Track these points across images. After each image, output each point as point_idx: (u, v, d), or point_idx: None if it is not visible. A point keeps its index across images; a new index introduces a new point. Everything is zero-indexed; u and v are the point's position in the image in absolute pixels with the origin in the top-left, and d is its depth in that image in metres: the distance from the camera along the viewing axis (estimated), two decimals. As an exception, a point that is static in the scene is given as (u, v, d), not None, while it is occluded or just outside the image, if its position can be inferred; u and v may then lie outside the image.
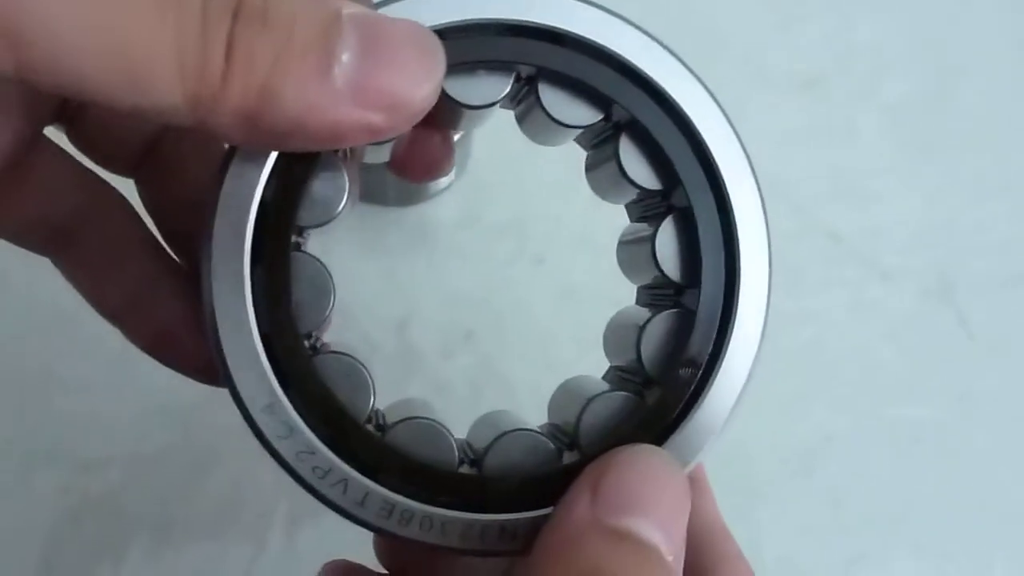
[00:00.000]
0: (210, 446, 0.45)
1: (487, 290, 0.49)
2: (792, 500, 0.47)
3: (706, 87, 0.24)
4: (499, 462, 0.24)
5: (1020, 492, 0.47)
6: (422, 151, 0.28)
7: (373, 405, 0.24)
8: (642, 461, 0.23)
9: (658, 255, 0.25)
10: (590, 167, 0.27)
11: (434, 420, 0.24)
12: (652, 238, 0.25)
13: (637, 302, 0.28)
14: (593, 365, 0.47)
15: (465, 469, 0.25)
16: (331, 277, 0.24)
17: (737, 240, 0.24)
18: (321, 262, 0.24)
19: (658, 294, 0.26)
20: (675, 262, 0.25)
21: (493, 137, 0.29)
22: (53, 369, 0.46)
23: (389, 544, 0.31)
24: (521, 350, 0.48)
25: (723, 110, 0.25)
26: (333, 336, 0.26)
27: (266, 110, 0.19)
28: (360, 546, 0.44)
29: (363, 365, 0.24)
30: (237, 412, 0.23)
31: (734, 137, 0.25)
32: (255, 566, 0.44)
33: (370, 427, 0.24)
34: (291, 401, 0.23)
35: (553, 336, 0.48)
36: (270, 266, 0.23)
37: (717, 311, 0.24)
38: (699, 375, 0.24)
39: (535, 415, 0.29)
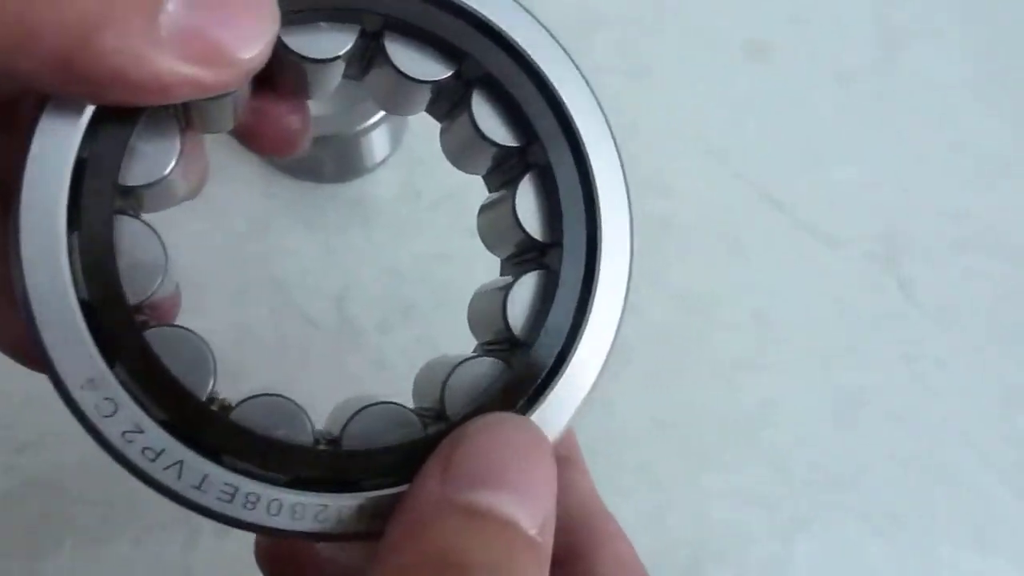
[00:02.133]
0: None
1: (426, 265, 0.48)
2: (737, 466, 0.46)
3: (559, 42, 0.24)
4: (358, 436, 0.23)
5: (962, 454, 0.47)
6: (271, 121, 0.26)
7: (214, 385, 0.22)
8: (496, 429, 0.21)
9: (518, 212, 0.24)
10: (444, 133, 0.27)
11: (287, 397, 0.23)
12: (512, 197, 0.24)
13: (501, 275, 0.27)
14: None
15: (322, 447, 0.23)
16: (163, 243, 0.22)
17: (597, 195, 0.24)
18: (151, 226, 0.22)
19: (521, 260, 0.26)
20: (536, 219, 0.24)
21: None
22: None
23: (270, 548, 0.29)
24: (461, 325, 0.47)
25: (576, 65, 0.24)
26: (262, 315, 0.24)
27: (82, 55, 0.18)
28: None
29: (204, 341, 0.22)
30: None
31: (588, 91, 0.24)
32: (197, 539, 0.43)
33: (211, 406, 0.22)
34: (117, 376, 0.21)
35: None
36: (90, 229, 0.21)
37: (580, 269, 0.24)
38: (566, 334, 0.23)
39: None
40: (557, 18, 0.58)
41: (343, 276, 0.48)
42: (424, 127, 0.51)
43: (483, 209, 0.27)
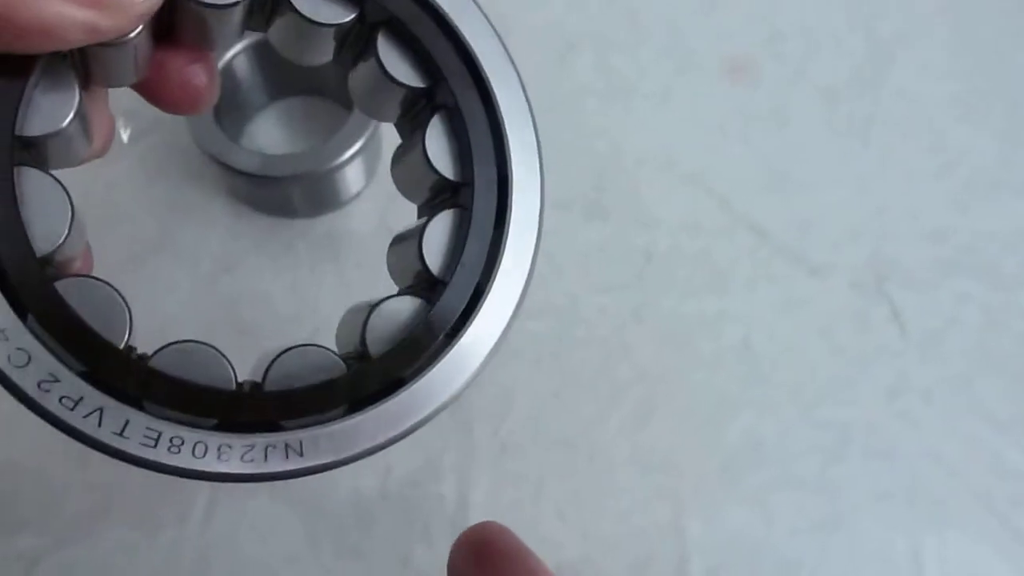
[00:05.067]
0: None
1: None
2: (721, 509, 0.45)
3: None
4: (280, 377, 0.23)
5: (951, 488, 0.46)
6: (173, 73, 0.26)
7: (130, 335, 0.22)
8: None
9: (429, 153, 0.24)
10: (353, 84, 0.27)
11: (206, 343, 0.22)
12: (422, 139, 0.24)
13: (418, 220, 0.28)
14: (508, 374, 0.46)
15: (244, 390, 0.23)
16: (68, 195, 0.22)
17: (505, 134, 0.24)
18: (55, 178, 0.22)
19: (436, 203, 0.26)
20: (446, 159, 0.25)
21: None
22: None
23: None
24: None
25: (477, 4, 0.24)
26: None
27: None
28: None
29: (117, 291, 0.22)
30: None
31: (493, 33, 0.24)
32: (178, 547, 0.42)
33: (129, 355, 0.22)
34: (29, 328, 0.21)
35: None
36: None
37: (493, 204, 0.24)
38: (482, 268, 0.24)
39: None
40: (534, 39, 0.57)
41: (312, 314, 0.46)
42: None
43: (396, 156, 0.28)
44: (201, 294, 0.46)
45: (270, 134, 0.50)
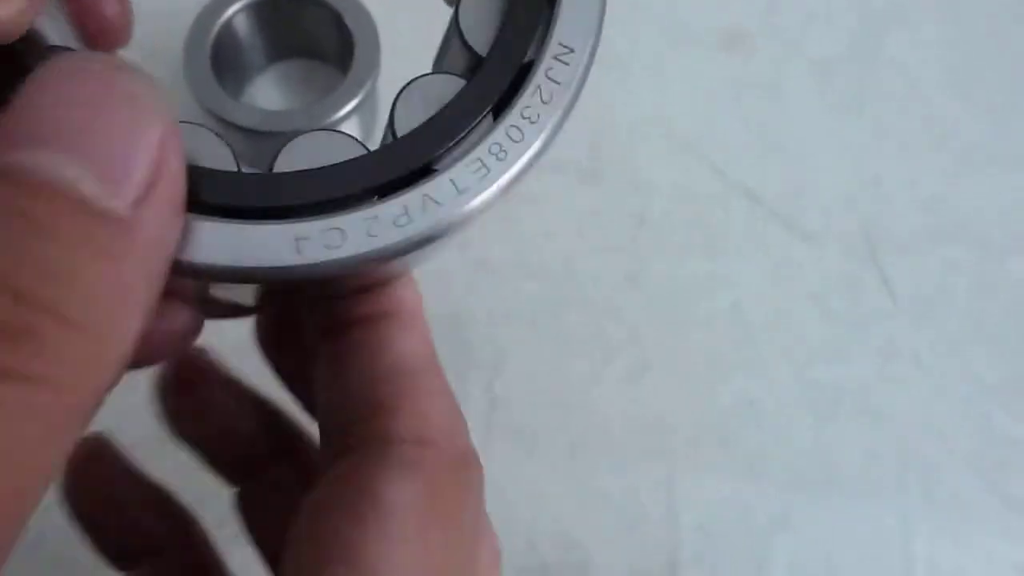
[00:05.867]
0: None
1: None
2: (712, 468, 0.46)
3: None
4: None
5: (942, 452, 0.46)
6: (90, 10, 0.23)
7: None
8: (62, 74, 0.16)
9: None
10: None
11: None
12: None
13: None
14: (502, 334, 0.46)
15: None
16: None
17: None
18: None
19: None
20: None
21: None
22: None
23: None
24: (436, 325, 0.46)
25: None
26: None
27: None
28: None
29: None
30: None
31: None
32: None
33: None
34: None
35: (468, 310, 0.47)
36: None
37: None
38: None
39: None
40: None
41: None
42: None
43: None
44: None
45: (269, 95, 0.50)
